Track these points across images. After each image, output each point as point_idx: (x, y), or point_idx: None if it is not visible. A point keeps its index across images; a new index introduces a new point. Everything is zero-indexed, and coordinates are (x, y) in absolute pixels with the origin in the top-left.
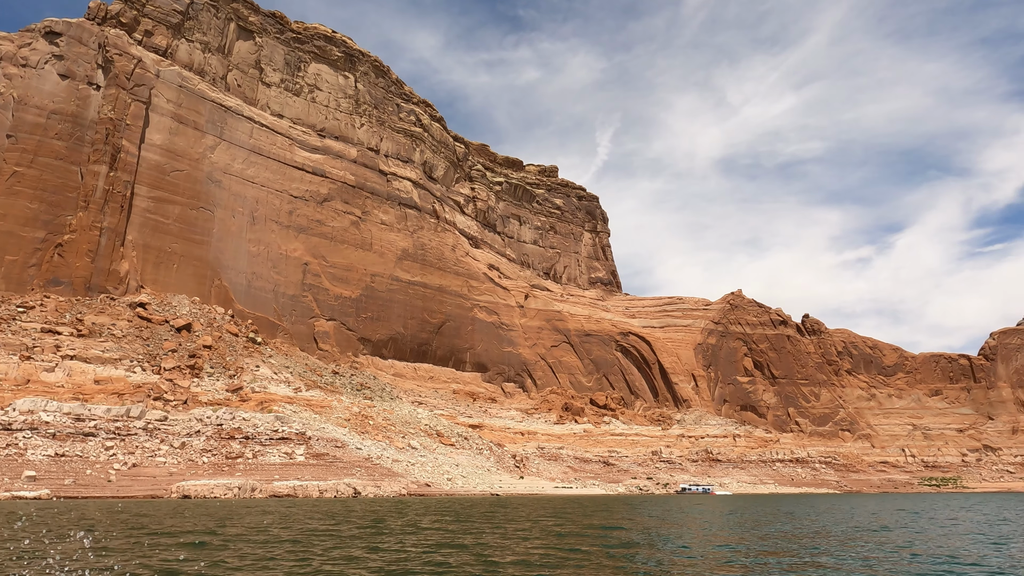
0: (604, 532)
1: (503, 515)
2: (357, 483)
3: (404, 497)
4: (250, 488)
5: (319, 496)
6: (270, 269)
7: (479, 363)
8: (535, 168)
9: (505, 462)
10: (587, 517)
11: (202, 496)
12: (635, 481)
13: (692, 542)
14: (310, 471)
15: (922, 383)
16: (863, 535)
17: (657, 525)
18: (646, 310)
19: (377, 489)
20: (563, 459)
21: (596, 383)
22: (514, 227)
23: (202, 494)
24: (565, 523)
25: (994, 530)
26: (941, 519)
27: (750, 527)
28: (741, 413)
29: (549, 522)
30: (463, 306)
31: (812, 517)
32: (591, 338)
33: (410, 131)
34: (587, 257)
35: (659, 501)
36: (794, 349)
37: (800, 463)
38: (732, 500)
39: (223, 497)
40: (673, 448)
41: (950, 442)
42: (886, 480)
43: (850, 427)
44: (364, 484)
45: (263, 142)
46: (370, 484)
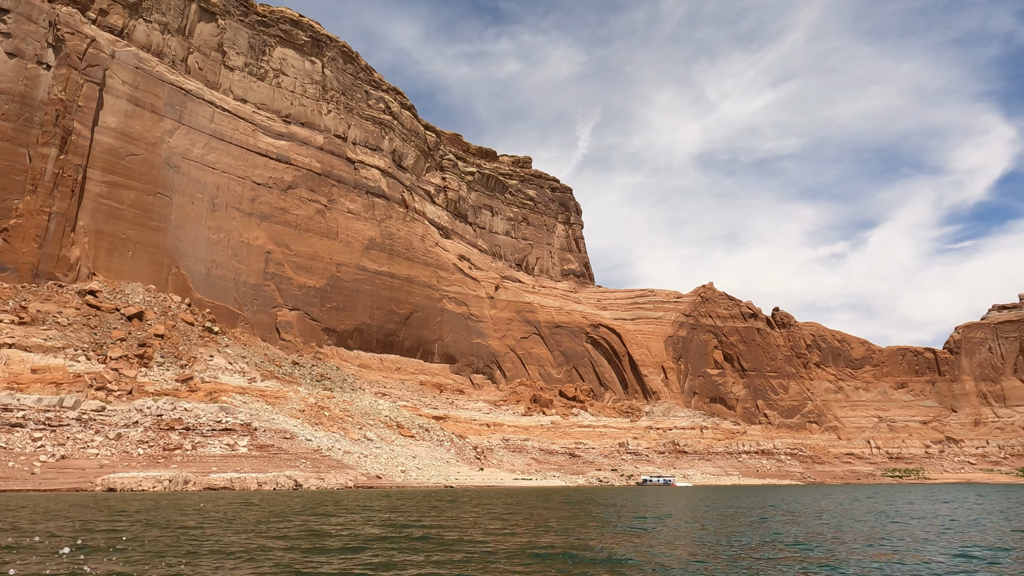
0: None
1: (424, 506)
2: (299, 475)
3: (350, 490)
4: (182, 480)
5: (257, 489)
6: (231, 257)
7: (448, 354)
8: (509, 159)
9: (466, 454)
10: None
11: (128, 489)
12: (599, 473)
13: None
14: (252, 463)
15: (888, 376)
16: (751, 523)
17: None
18: (618, 302)
19: (321, 481)
20: (528, 451)
21: (566, 375)
22: (486, 218)
23: (129, 487)
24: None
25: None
26: (844, 508)
27: (639, 518)
28: (711, 405)
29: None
30: (432, 297)
31: (729, 508)
32: (561, 330)
33: (379, 119)
34: (560, 249)
35: (607, 493)
36: (764, 342)
37: (766, 455)
38: (687, 492)
39: (151, 490)
40: (640, 440)
41: (914, 434)
42: (849, 471)
43: (817, 419)
44: (307, 476)
45: (225, 127)
46: (313, 476)
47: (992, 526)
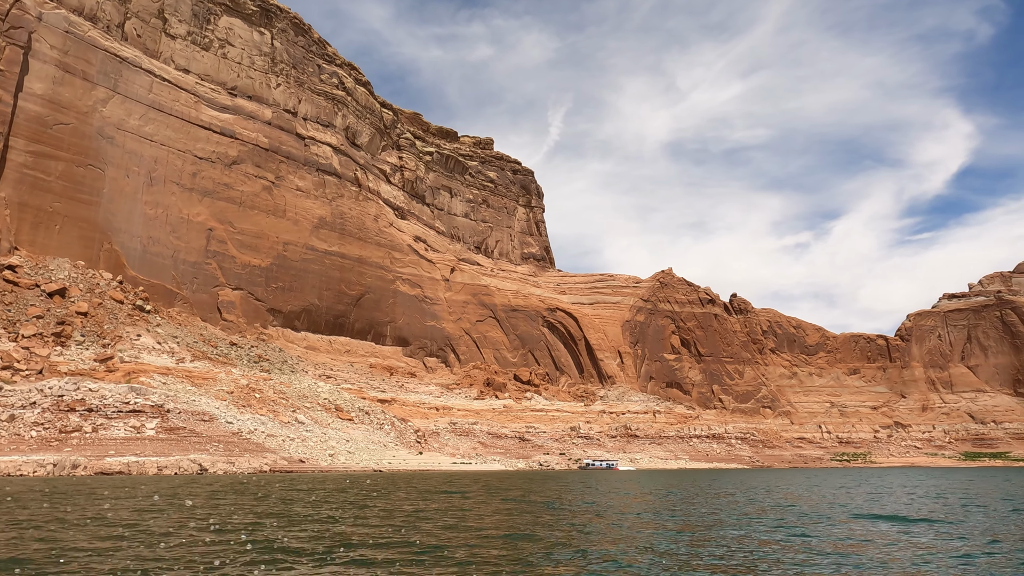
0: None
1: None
2: (206, 459)
3: (262, 474)
4: (70, 465)
5: (156, 474)
6: (169, 234)
7: (400, 337)
8: (470, 140)
9: (406, 437)
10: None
11: (6, 474)
12: (547, 457)
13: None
14: (156, 446)
15: (842, 362)
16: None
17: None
18: (577, 286)
19: (230, 466)
20: (475, 435)
21: (521, 359)
22: (444, 199)
23: (6, 471)
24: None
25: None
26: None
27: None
28: (666, 390)
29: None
30: (385, 278)
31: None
32: (518, 313)
33: (332, 94)
34: (520, 232)
35: (540, 477)
36: (721, 328)
37: (716, 439)
38: (626, 475)
39: (32, 475)
40: (593, 424)
41: (864, 419)
42: (798, 456)
43: (771, 404)
44: (214, 460)
45: (165, 98)
46: (222, 460)
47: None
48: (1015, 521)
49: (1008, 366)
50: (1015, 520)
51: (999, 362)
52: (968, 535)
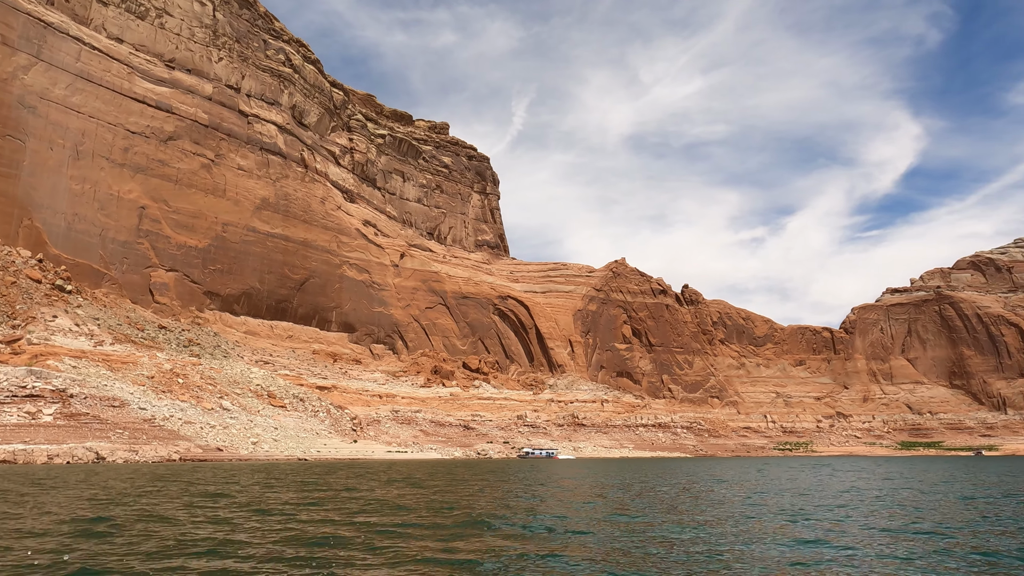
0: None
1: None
2: (104, 447)
3: (170, 463)
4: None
5: (46, 462)
6: (97, 211)
7: (346, 323)
8: (425, 124)
9: (342, 425)
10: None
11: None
12: (487, 445)
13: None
14: (51, 433)
15: (788, 354)
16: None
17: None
18: (530, 275)
19: (132, 454)
20: (418, 423)
21: (471, 347)
22: (397, 183)
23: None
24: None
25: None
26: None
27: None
28: (617, 379)
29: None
30: (331, 262)
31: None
32: (468, 301)
33: (278, 71)
34: (474, 219)
35: (471, 466)
36: (672, 318)
37: (662, 428)
38: (562, 464)
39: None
40: (540, 412)
41: (808, 409)
42: (741, 445)
43: (719, 394)
44: (114, 449)
45: (94, 67)
46: (124, 448)
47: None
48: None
49: (945, 359)
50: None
51: (936, 355)
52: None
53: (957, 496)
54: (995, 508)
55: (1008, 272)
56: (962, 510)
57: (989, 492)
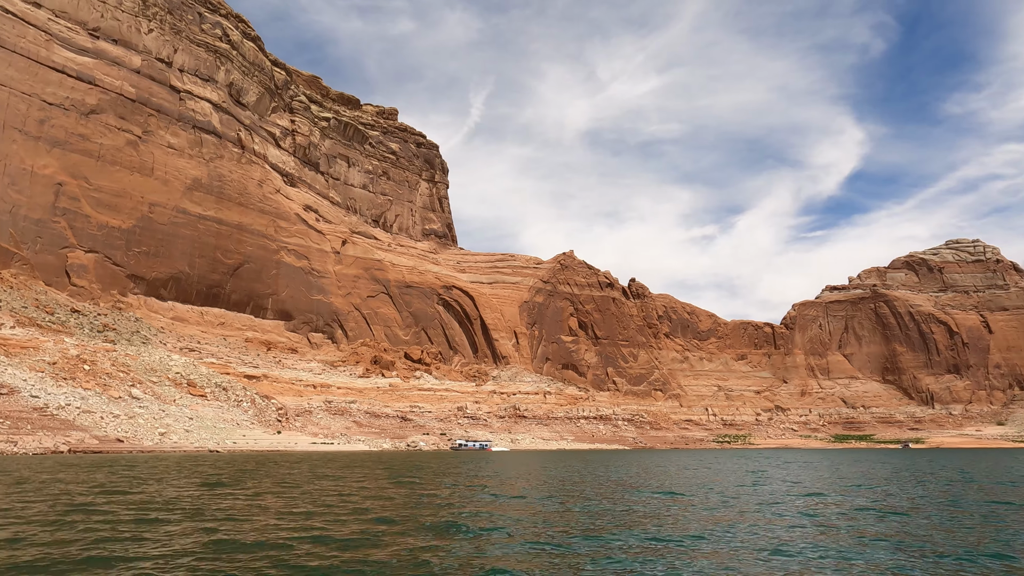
0: None
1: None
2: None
3: (58, 455)
4: None
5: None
6: (8, 187)
7: (283, 311)
8: (373, 108)
9: (267, 416)
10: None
11: None
12: (421, 437)
13: None
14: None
15: (731, 348)
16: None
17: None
18: (478, 265)
19: (10, 445)
20: (352, 414)
21: (414, 337)
22: (341, 168)
23: None
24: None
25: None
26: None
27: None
28: (562, 371)
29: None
30: (267, 248)
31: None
32: (412, 290)
33: (214, 46)
34: (422, 207)
35: (392, 458)
36: (618, 311)
37: (603, 420)
38: (494, 456)
39: None
40: (482, 404)
41: (748, 403)
42: (680, 437)
43: (663, 387)
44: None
45: (8, 33)
46: (0, 439)
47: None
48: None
49: (879, 355)
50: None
51: (871, 351)
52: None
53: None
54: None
55: (939, 272)
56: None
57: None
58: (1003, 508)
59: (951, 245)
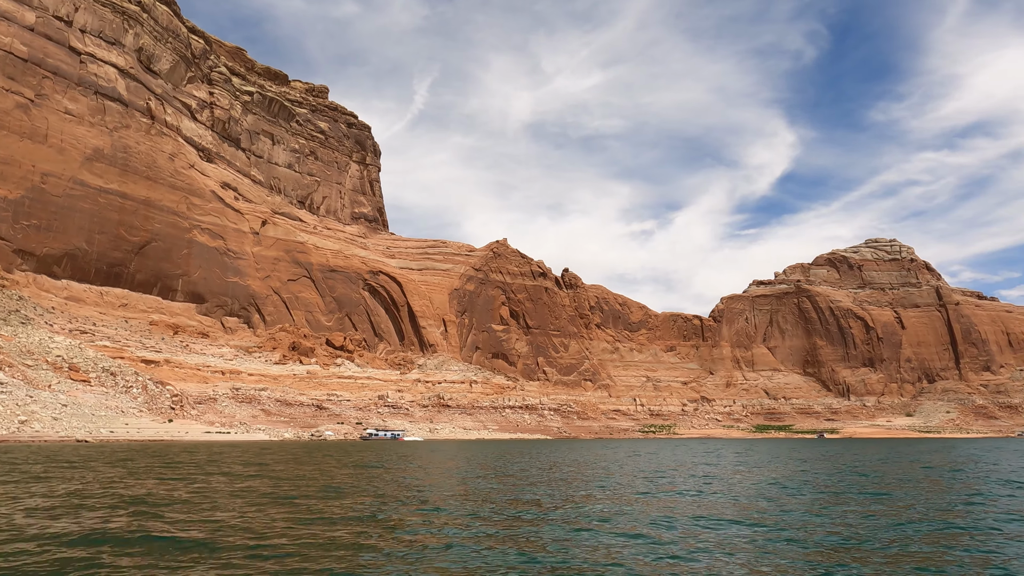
0: None
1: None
2: None
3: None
4: None
5: None
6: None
7: (195, 293)
8: (302, 85)
9: (159, 403)
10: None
11: None
12: (338, 427)
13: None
14: None
15: (660, 339)
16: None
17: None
18: (408, 251)
19: None
20: (261, 402)
21: (337, 323)
22: (265, 146)
23: None
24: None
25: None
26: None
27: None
28: (492, 360)
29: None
30: (178, 226)
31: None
32: (336, 275)
33: (121, 7)
34: (352, 190)
35: (289, 449)
36: (550, 301)
37: (529, 410)
38: (404, 446)
39: None
40: (405, 393)
41: (675, 393)
42: (604, 427)
43: (592, 377)
44: None
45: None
46: None
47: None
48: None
49: (800, 348)
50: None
51: (793, 344)
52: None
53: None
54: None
55: (859, 270)
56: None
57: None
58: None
59: (870, 244)
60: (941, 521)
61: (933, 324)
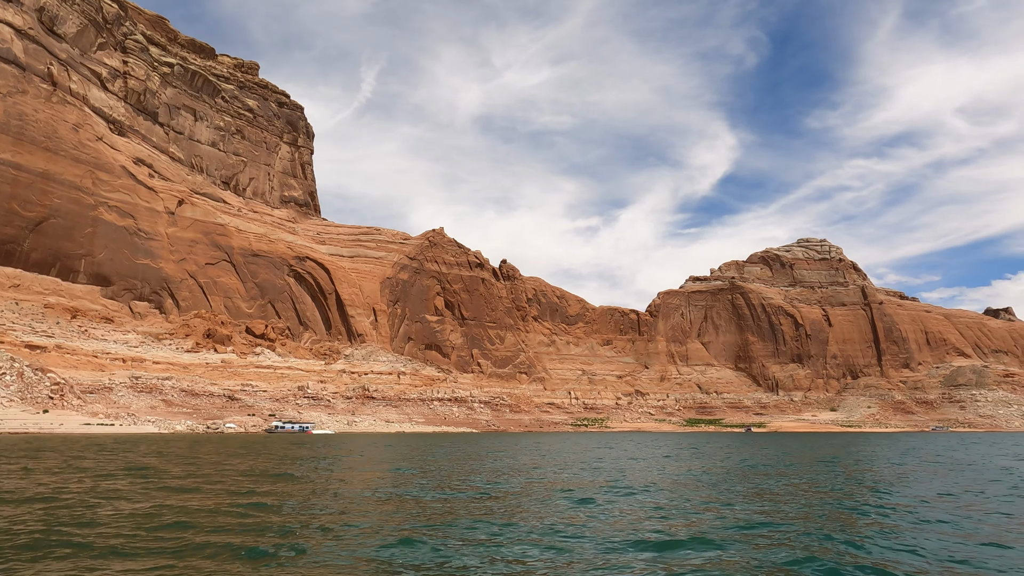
0: None
1: None
2: None
3: None
4: None
5: None
6: None
7: (100, 275)
8: (230, 60)
9: (36, 392)
10: None
11: None
12: (249, 418)
13: None
14: None
15: (597, 333)
16: None
17: None
18: (340, 238)
19: None
20: (164, 392)
21: (259, 310)
22: (186, 122)
23: None
24: None
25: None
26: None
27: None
28: (426, 352)
29: None
30: (82, 202)
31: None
32: (260, 259)
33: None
34: (282, 172)
35: (169, 443)
36: (487, 292)
37: (459, 403)
38: (312, 439)
39: None
40: (328, 384)
41: (610, 387)
42: (535, 421)
43: (528, 370)
44: None
45: None
46: None
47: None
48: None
49: (733, 344)
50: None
51: (727, 340)
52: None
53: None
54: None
55: (790, 268)
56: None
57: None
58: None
59: (802, 244)
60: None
61: (858, 322)
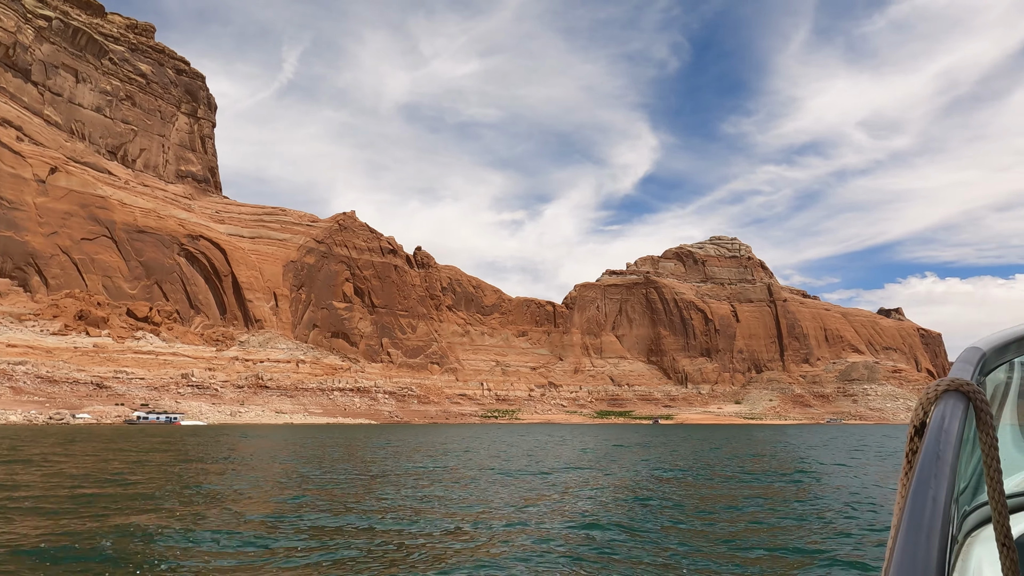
0: None
1: None
2: None
3: None
4: None
5: None
6: None
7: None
8: (122, 20)
9: None
10: None
11: None
12: (114, 409)
13: None
14: None
15: (513, 324)
16: None
17: None
18: (241, 217)
19: None
20: (15, 377)
21: (144, 291)
22: (66, 82)
23: None
24: None
25: None
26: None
27: None
28: (332, 340)
29: None
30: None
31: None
32: (146, 236)
33: None
34: (178, 144)
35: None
36: (400, 280)
37: (361, 393)
38: (180, 432)
39: None
40: (217, 372)
41: (523, 379)
42: (442, 412)
43: (440, 360)
44: None
45: None
46: None
47: None
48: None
49: (646, 337)
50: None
51: (640, 333)
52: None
53: None
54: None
55: (703, 264)
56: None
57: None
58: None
59: (714, 241)
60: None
61: (764, 318)
